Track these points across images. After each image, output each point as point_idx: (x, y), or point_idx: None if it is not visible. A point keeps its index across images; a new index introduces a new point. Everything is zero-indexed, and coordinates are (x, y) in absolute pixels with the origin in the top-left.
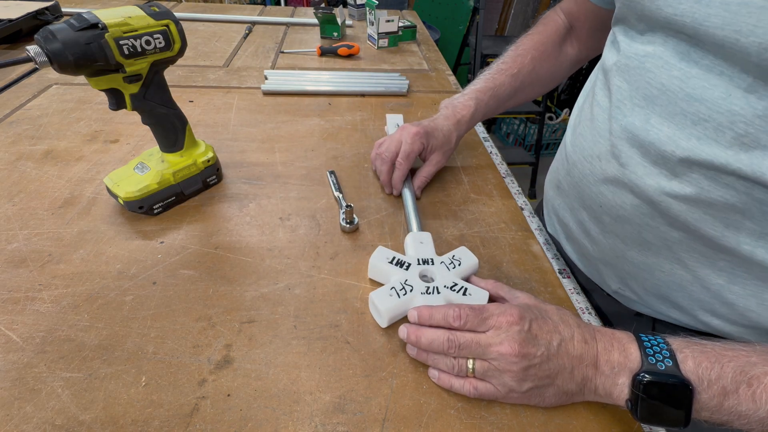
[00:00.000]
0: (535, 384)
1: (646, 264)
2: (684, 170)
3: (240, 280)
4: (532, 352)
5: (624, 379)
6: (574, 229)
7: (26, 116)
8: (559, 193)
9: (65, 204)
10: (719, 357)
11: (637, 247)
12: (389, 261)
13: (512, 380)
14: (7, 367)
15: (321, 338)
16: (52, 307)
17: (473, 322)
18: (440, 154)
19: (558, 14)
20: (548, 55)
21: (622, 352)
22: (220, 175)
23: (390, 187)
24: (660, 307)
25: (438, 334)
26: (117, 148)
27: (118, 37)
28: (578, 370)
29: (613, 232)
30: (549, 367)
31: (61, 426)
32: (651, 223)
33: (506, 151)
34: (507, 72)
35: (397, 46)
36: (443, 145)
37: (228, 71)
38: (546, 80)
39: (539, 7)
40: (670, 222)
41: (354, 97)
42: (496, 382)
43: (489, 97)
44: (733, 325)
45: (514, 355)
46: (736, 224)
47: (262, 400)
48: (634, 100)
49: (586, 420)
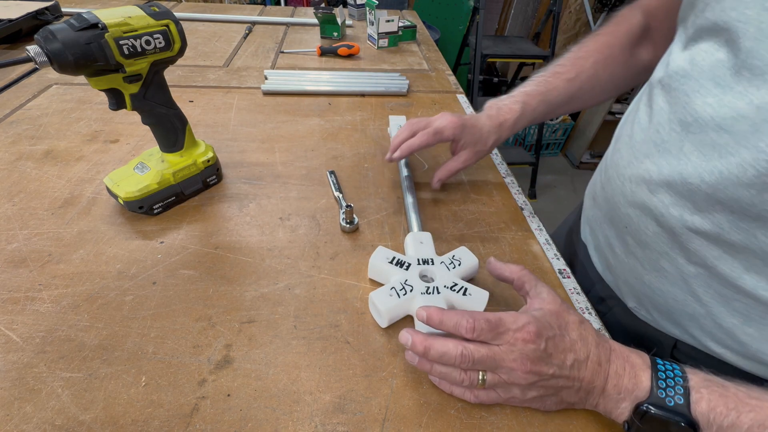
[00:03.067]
0: (539, 394)
1: (661, 290)
2: (707, 206)
3: (240, 280)
4: (543, 370)
5: (627, 404)
6: (602, 241)
7: (26, 116)
8: (594, 204)
9: (65, 204)
10: (739, 404)
11: (654, 273)
12: (389, 261)
13: (518, 390)
14: (7, 367)
15: (321, 338)
16: (52, 307)
17: (487, 336)
18: (471, 153)
19: (633, 12)
20: (614, 59)
21: (633, 378)
22: (220, 175)
23: (393, 150)
24: (673, 331)
25: (449, 347)
26: (117, 148)
27: (118, 37)
28: (584, 390)
29: (634, 254)
30: (557, 383)
31: (61, 426)
32: (670, 253)
33: (506, 151)
34: (563, 76)
35: (397, 46)
36: (476, 144)
37: (228, 71)
38: (609, 87)
39: (539, 7)
40: (688, 256)
41: (354, 97)
42: (501, 391)
43: (538, 102)
44: (746, 359)
45: (525, 372)
46: (756, 268)
47: (262, 400)
48: (671, 124)
49: (586, 420)
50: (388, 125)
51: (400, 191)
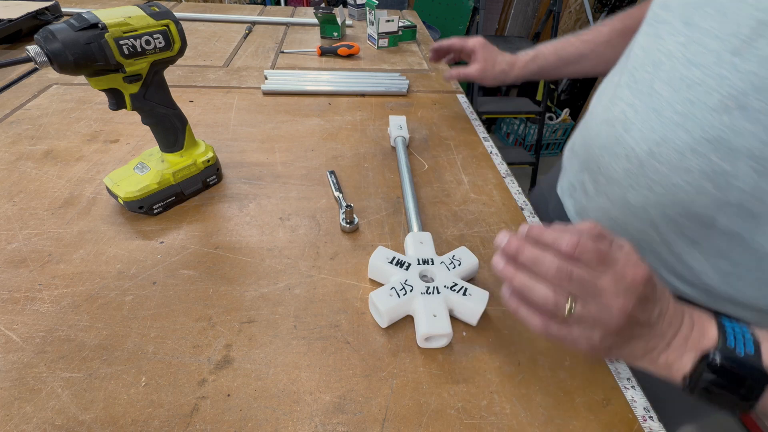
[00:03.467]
0: (614, 342)
1: (626, 224)
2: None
3: (240, 280)
4: (638, 316)
5: (692, 355)
6: (577, 188)
7: (26, 116)
8: (572, 155)
9: (65, 204)
10: None
11: (621, 209)
12: (389, 261)
13: (598, 334)
14: (7, 367)
15: (321, 338)
16: (52, 307)
17: (591, 259)
18: (479, 67)
19: None
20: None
21: (700, 329)
22: (220, 175)
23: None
24: None
25: (548, 256)
26: (117, 148)
27: (118, 37)
28: (653, 342)
29: (605, 192)
30: (639, 332)
31: (61, 426)
32: (635, 186)
33: (506, 151)
34: (581, 37)
35: (397, 46)
36: (487, 61)
37: (228, 71)
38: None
39: (539, 7)
40: (650, 186)
41: (354, 97)
42: (579, 330)
43: (550, 52)
44: (692, 287)
45: (622, 313)
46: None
47: (262, 400)
48: (645, 67)
49: (586, 420)
50: (388, 125)
51: (400, 191)
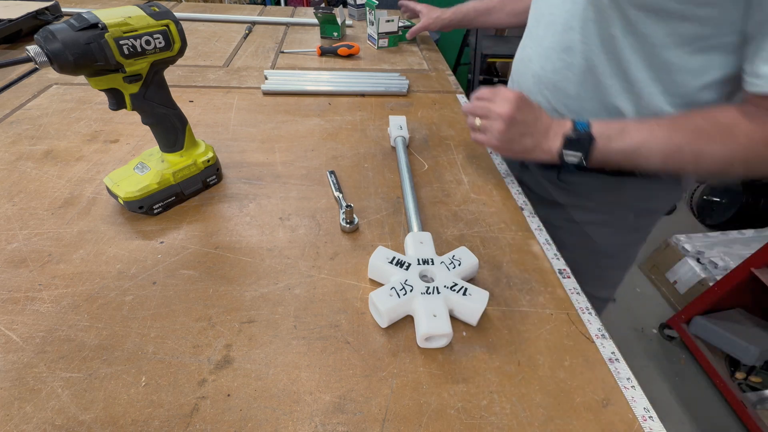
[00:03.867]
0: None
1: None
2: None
3: (240, 280)
4: (518, 118)
5: (559, 138)
6: None
7: (26, 116)
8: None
9: (65, 204)
10: (621, 124)
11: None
12: (389, 261)
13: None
14: (7, 367)
15: (321, 338)
16: (52, 307)
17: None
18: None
19: None
20: None
21: (563, 125)
22: (220, 175)
23: None
24: None
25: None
26: (117, 148)
27: (118, 37)
28: (537, 137)
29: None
30: (523, 131)
31: (61, 426)
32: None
33: None
34: None
35: (397, 46)
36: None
37: (228, 71)
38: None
39: None
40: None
41: (354, 97)
42: (486, 135)
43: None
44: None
45: (507, 117)
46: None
47: (262, 400)
48: (532, 17)
49: (586, 420)
50: (388, 125)
51: (400, 191)
